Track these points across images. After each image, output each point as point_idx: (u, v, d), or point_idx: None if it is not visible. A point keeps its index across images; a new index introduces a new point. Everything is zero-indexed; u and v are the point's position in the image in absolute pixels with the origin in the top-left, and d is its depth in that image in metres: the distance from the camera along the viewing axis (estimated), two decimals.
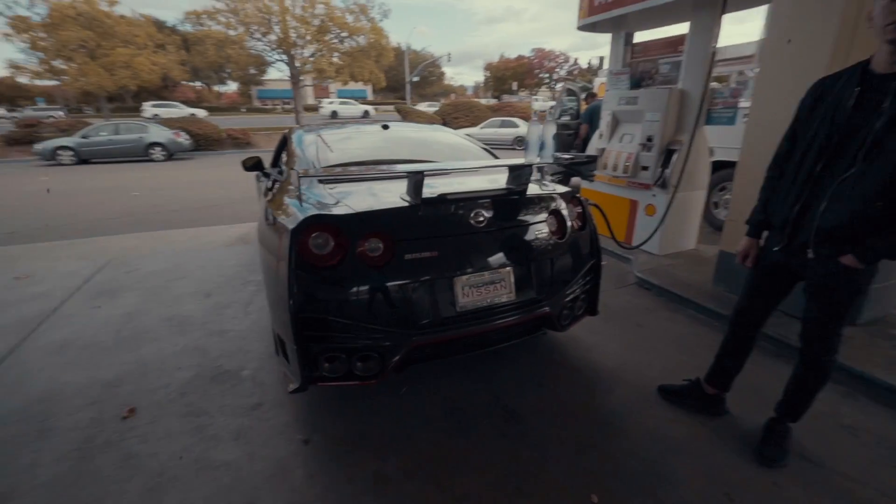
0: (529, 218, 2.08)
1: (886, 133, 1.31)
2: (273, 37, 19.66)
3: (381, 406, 2.09)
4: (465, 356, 2.43)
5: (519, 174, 2.05)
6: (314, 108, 43.05)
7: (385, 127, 3.12)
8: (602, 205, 4.48)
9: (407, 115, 21.53)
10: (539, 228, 2.10)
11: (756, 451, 1.77)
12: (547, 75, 60.62)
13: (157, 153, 13.13)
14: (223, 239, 4.79)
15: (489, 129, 17.03)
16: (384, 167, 2.42)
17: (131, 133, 12.97)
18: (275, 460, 1.76)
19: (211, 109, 39.20)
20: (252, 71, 26.35)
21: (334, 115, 28.22)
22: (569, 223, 2.21)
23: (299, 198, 1.97)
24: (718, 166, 4.84)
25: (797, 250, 1.55)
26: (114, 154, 12.82)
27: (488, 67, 65.64)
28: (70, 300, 3.25)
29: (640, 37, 4.42)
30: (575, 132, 6.97)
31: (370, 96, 61.01)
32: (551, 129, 2.08)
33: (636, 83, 4.32)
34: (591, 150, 4.73)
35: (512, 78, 59.35)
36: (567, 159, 2.28)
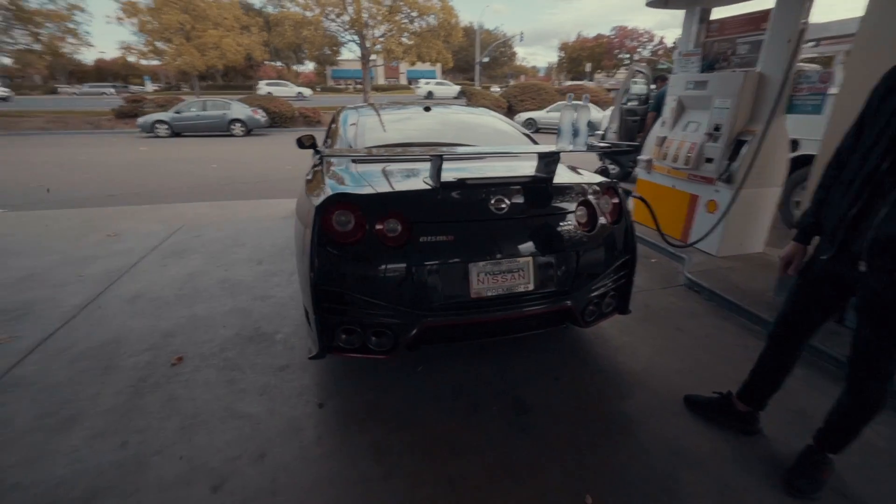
0: (555, 207, 2.01)
1: None
2: (346, 17, 20.21)
3: (396, 380, 2.17)
4: (482, 342, 2.44)
5: (545, 162, 1.99)
6: (385, 88, 43.98)
7: (427, 109, 3.14)
8: (659, 198, 4.21)
9: (473, 97, 21.31)
10: (565, 219, 2.02)
11: (784, 477, 1.62)
12: (627, 56, 56.50)
13: (238, 129, 14.21)
14: (280, 211, 5.13)
15: (555, 113, 16.39)
16: (417, 150, 2.44)
17: (216, 109, 14.15)
18: (290, 418, 1.91)
19: None
20: (327, 52, 27.42)
21: (430, 95, 28.57)
22: (600, 215, 2.10)
23: (328, 176, 2.07)
24: (804, 161, 4.30)
25: (848, 261, 1.36)
26: (201, 128, 14.08)
27: (563, 47, 62.58)
28: (146, 258, 3.68)
29: (718, 13, 3.98)
30: (641, 119, 6.51)
31: (439, 77, 60.97)
32: (586, 115, 1.95)
33: (709, 66, 3.93)
34: (652, 138, 4.41)
35: (588, 59, 56.10)
36: (604, 148, 2.15)
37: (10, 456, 1.66)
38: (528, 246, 1.95)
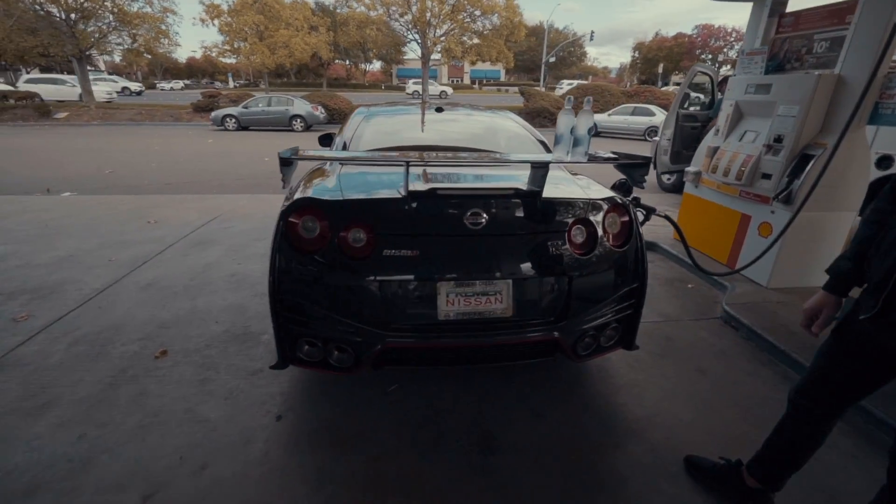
0: (543, 225, 1.77)
1: None
2: (409, 17, 20.50)
3: (363, 399, 2.04)
4: (454, 368, 2.25)
5: (535, 173, 1.75)
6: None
7: (439, 110, 2.98)
8: (706, 216, 3.75)
9: (531, 98, 20.81)
10: (556, 238, 1.77)
11: None
12: (711, 56, 52.32)
13: (298, 124, 14.87)
14: None
15: (618, 117, 15.54)
16: (398, 154, 2.27)
17: (280, 106, 14.91)
18: (245, 428, 1.84)
19: (356, 86, 43.25)
20: (391, 51, 28.13)
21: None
22: (602, 235, 1.83)
23: (305, 180, 1.99)
24: None
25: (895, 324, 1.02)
26: (264, 123, 14.91)
27: (637, 47, 59.25)
28: (174, 246, 3.86)
29: (794, 5, 3.44)
30: (703, 126, 5.90)
31: (503, 77, 60.33)
32: (587, 121, 1.69)
33: (777, 66, 3.41)
34: (703, 148, 3.91)
35: (665, 59, 52.68)
36: (610, 159, 1.86)
37: None
38: (507, 267, 1.73)
